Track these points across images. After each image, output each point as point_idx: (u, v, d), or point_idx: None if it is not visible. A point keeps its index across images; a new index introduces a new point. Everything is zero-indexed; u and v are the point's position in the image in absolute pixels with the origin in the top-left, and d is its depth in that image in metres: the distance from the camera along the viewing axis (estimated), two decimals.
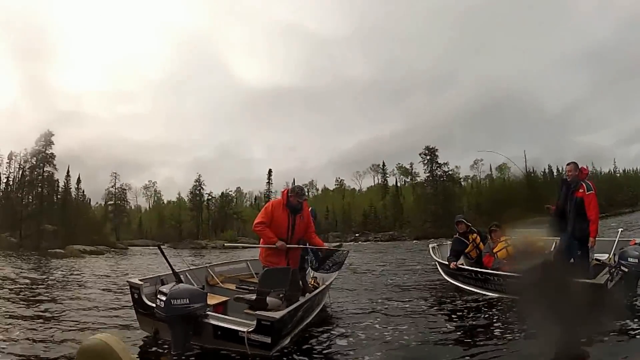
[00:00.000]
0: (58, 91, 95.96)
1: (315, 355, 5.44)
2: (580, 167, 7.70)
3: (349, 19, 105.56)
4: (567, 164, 7.86)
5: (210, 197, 68.32)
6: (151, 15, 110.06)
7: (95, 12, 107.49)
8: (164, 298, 5.12)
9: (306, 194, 7.24)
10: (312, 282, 8.51)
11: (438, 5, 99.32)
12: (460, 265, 9.49)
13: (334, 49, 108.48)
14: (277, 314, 5.23)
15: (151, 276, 6.62)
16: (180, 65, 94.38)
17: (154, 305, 5.47)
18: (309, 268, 7.86)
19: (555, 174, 57.65)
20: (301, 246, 7.12)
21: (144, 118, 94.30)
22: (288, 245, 6.79)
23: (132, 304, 6.26)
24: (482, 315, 7.07)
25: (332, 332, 6.48)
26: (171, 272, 6.31)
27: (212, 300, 6.46)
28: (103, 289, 11.41)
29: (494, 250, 9.03)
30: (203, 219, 67.16)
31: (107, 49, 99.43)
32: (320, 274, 8.21)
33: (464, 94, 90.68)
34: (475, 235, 9.79)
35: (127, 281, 6.45)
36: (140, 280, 6.22)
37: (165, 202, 75.51)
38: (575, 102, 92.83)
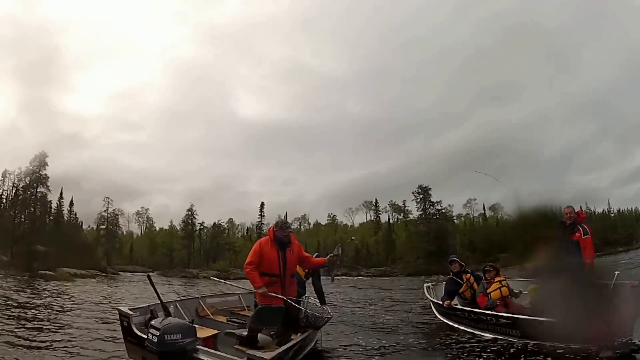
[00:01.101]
0: (60, 113, 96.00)
1: None
2: (578, 210, 7.78)
3: (353, 58, 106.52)
4: (566, 207, 7.94)
5: (202, 227, 68.23)
6: (156, 46, 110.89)
7: (105, 40, 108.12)
8: (157, 333, 5.12)
9: (291, 226, 7.16)
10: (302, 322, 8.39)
11: (442, 50, 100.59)
12: (455, 305, 9.45)
13: (335, 87, 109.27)
14: (268, 355, 5.18)
15: (141, 306, 6.62)
16: (183, 97, 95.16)
17: (143, 335, 5.47)
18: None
19: (548, 213, 57.83)
20: (290, 300, 6.89)
21: (143, 146, 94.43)
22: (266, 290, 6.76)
23: (120, 331, 6.26)
24: (476, 357, 7.06)
25: None
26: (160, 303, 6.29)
27: (202, 332, 6.48)
28: (91, 315, 11.38)
29: (488, 291, 9.06)
30: (195, 248, 66.90)
31: (113, 76, 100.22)
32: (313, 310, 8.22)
33: (462, 136, 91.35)
34: (469, 275, 9.81)
35: (117, 309, 6.40)
36: (130, 309, 6.21)
37: (157, 229, 75.38)
38: (573, 146, 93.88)
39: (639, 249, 56.61)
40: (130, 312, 6.08)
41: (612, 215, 71.51)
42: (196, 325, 6.75)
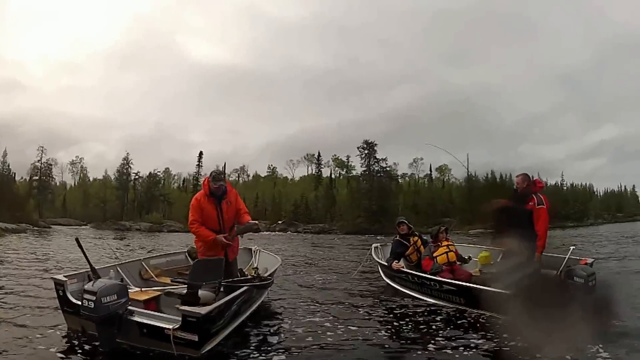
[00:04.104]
0: None
1: (249, 355, 5.28)
2: (535, 179, 7.59)
3: (311, 6, 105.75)
4: (517, 175, 7.75)
5: (137, 177, 67.08)
6: None
7: None
8: (92, 297, 4.79)
9: (223, 177, 6.94)
10: (252, 274, 8.19)
11: (406, 8, 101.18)
12: (402, 268, 9.33)
13: (290, 35, 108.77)
14: (204, 309, 4.93)
15: (78, 272, 6.24)
16: (127, 40, 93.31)
17: (79, 303, 5.09)
18: None
19: (498, 180, 59.24)
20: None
21: (84, 91, 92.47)
22: (222, 236, 6.67)
23: (56, 300, 5.94)
24: (417, 321, 7.00)
25: (271, 329, 6.42)
26: (100, 266, 5.98)
27: (144, 295, 6.15)
28: (25, 277, 10.79)
29: (434, 255, 9.00)
30: (128, 199, 65.85)
31: (52, 18, 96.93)
32: (262, 265, 8.11)
33: (418, 96, 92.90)
34: (416, 238, 9.71)
35: (52, 277, 6.10)
36: (65, 276, 5.86)
37: (91, 179, 73.95)
38: (532, 116, 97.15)
39: (589, 226, 58.80)
40: (65, 279, 5.73)
41: (565, 188, 74.31)
42: (139, 289, 6.51)
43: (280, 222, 64.09)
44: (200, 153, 68.79)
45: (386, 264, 9.69)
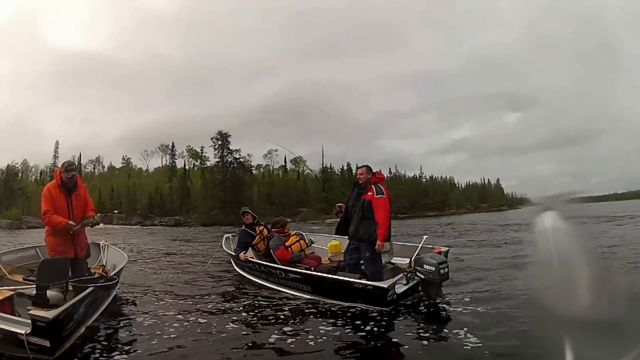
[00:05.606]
0: None
1: (103, 354, 5.12)
2: (375, 171, 7.77)
3: None
4: (359, 167, 7.97)
5: None
6: None
7: None
8: None
9: (75, 168, 6.86)
10: (101, 271, 7.96)
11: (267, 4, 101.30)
12: (251, 258, 9.54)
13: (151, 24, 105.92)
14: (51, 313, 4.68)
15: None
16: None
17: None
18: None
19: (354, 172, 61.24)
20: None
21: None
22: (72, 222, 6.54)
23: None
24: (265, 310, 7.13)
25: (123, 326, 6.29)
26: None
27: None
28: None
29: (287, 244, 9.12)
30: None
31: None
32: (110, 262, 7.99)
33: (275, 89, 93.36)
34: (262, 227, 9.92)
35: None
36: None
37: None
38: (389, 114, 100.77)
39: (451, 215, 62.23)
40: None
41: (424, 180, 78.08)
42: None
43: (135, 215, 62.50)
44: (57, 143, 65.63)
45: (234, 253, 9.91)
